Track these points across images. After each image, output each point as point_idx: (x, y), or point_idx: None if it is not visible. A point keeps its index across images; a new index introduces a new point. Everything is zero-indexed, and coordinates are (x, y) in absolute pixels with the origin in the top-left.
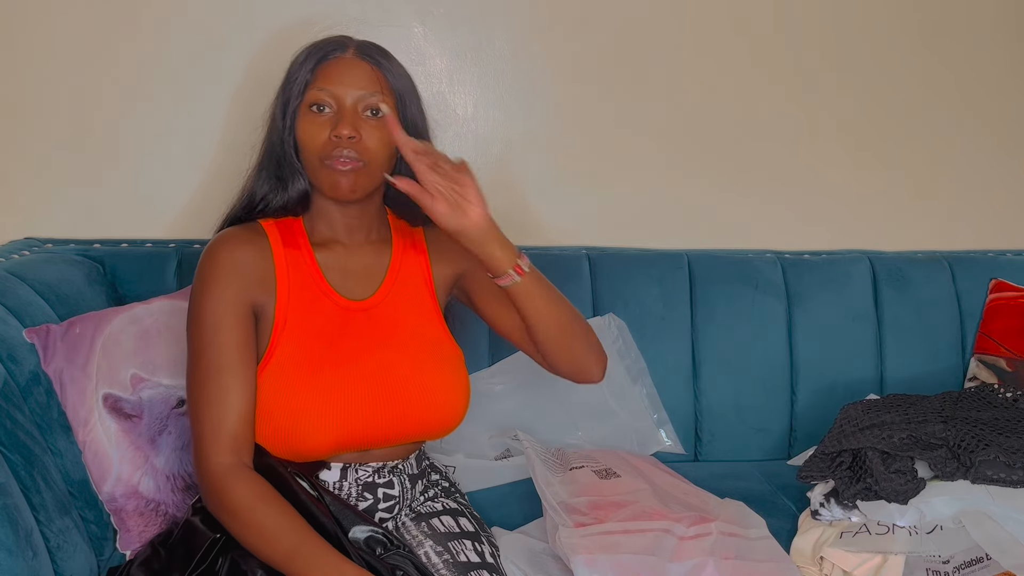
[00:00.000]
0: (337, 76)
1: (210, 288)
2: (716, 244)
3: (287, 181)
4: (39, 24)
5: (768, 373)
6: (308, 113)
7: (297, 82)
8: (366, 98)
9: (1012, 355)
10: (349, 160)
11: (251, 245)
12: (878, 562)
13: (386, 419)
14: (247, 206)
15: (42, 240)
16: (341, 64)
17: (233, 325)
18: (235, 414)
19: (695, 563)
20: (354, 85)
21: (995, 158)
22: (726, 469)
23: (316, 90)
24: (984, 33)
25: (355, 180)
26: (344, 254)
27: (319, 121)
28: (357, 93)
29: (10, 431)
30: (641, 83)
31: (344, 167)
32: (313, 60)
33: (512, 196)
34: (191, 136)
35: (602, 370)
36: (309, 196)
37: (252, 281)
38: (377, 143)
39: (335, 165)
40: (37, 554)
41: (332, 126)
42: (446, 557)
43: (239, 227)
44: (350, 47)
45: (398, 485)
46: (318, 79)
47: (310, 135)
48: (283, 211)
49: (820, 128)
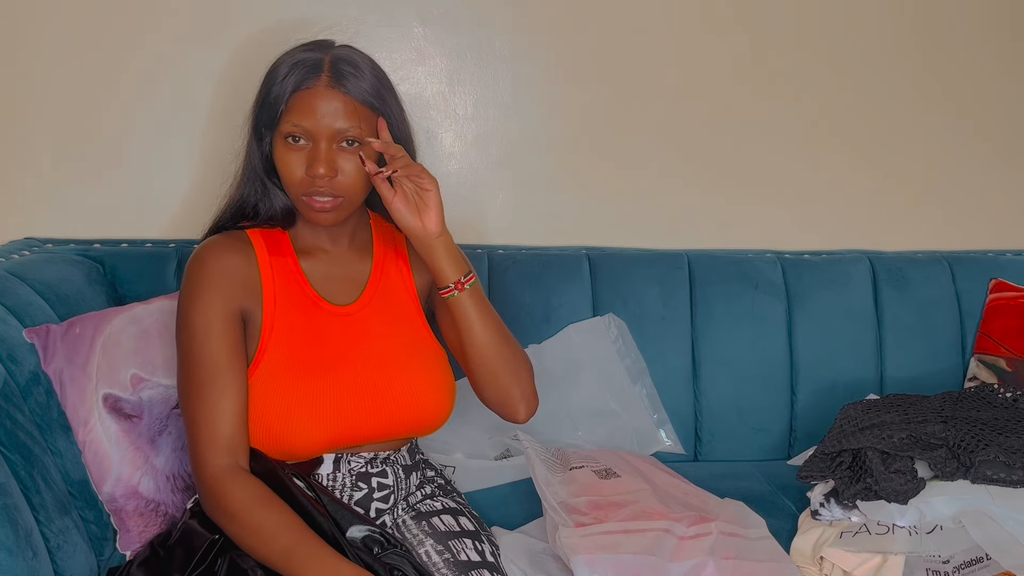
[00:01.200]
0: (309, 111)
1: (198, 294)
2: (716, 244)
3: (270, 195)
4: (39, 24)
5: (768, 373)
6: (284, 143)
7: (271, 106)
8: (343, 130)
9: (1012, 355)
10: (326, 201)
11: (237, 252)
12: (878, 562)
13: (373, 419)
14: (235, 214)
15: (42, 240)
16: (314, 95)
17: (223, 330)
18: (230, 417)
19: (695, 563)
20: (328, 117)
21: (995, 158)
22: (726, 469)
23: (290, 124)
24: (982, 33)
25: (335, 215)
26: (328, 261)
27: (295, 155)
28: (331, 125)
29: (10, 431)
30: (641, 83)
31: (323, 208)
32: (287, 89)
33: (512, 196)
34: (191, 136)
35: (527, 411)
36: (293, 211)
37: (239, 287)
38: (354, 173)
39: (312, 203)
40: (37, 554)
41: (308, 162)
42: (447, 556)
43: (225, 235)
44: (323, 71)
45: (392, 475)
46: (292, 111)
47: (287, 167)
48: (268, 221)
49: (820, 128)
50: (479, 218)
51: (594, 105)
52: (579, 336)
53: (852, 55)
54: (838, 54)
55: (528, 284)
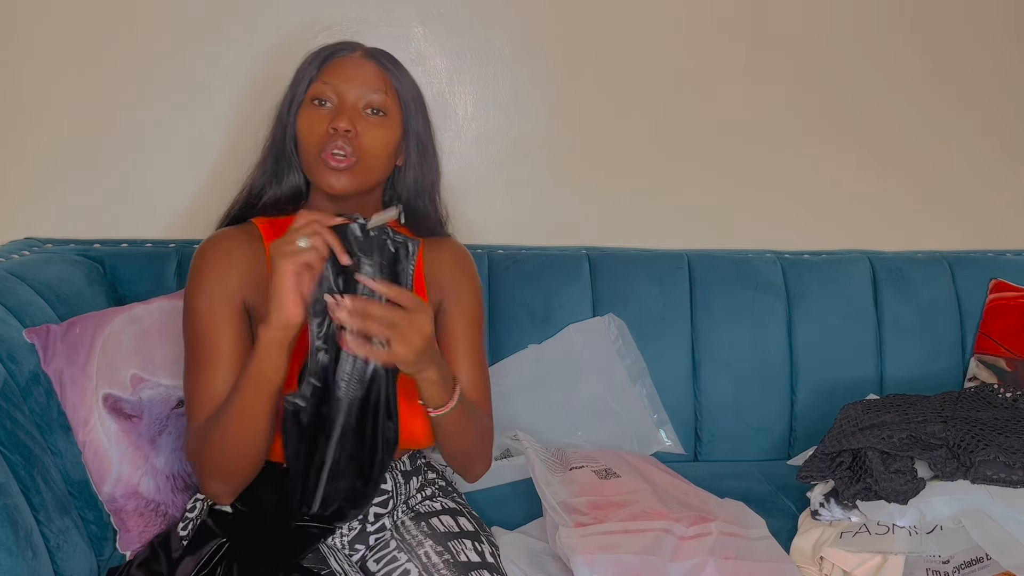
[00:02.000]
0: (342, 71)
1: (203, 283)
2: (716, 244)
3: (282, 175)
4: (39, 24)
5: (768, 373)
6: (309, 106)
7: (303, 79)
8: (368, 95)
9: (1012, 355)
10: (342, 158)
11: (244, 244)
12: (878, 562)
13: None
14: (245, 202)
15: (42, 240)
16: (348, 61)
17: (226, 318)
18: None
19: (695, 563)
20: (358, 81)
21: (995, 158)
22: (726, 469)
23: (320, 84)
24: (984, 33)
25: (348, 177)
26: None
27: (319, 114)
28: (360, 90)
29: (10, 431)
30: (641, 83)
31: (338, 164)
32: (320, 58)
33: (512, 196)
34: (191, 136)
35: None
36: (302, 192)
37: (244, 278)
38: (373, 141)
39: (328, 160)
40: (37, 554)
41: (331, 119)
42: (446, 557)
43: (233, 227)
44: (359, 49)
45: (391, 480)
46: (323, 74)
47: (308, 127)
48: (275, 206)
49: (820, 128)
50: (479, 218)
51: (593, 105)
52: (579, 336)
53: (853, 57)
54: (838, 55)
55: (528, 284)
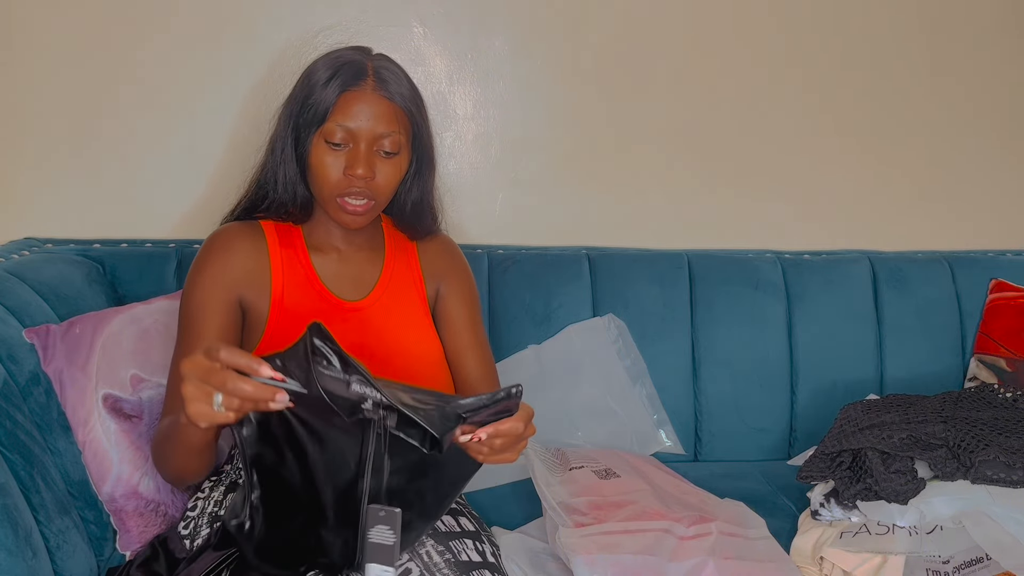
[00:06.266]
0: (357, 112)
1: (200, 275)
2: (716, 244)
3: (292, 186)
4: (39, 24)
5: (768, 373)
6: (323, 144)
7: (316, 107)
8: (382, 139)
9: (1012, 355)
10: (360, 204)
11: (247, 241)
12: (878, 562)
13: None
14: (251, 205)
15: (42, 240)
16: (361, 99)
17: (217, 310)
18: None
19: (695, 563)
20: (372, 122)
21: (995, 158)
22: (726, 469)
23: (335, 124)
24: (984, 32)
25: (365, 219)
26: (339, 259)
27: (334, 156)
28: (374, 132)
29: (10, 431)
30: (641, 83)
31: (356, 211)
32: (335, 89)
33: (512, 196)
34: (191, 136)
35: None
36: (310, 205)
37: (243, 275)
38: (388, 180)
39: (345, 206)
40: (37, 554)
41: (347, 163)
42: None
43: (239, 223)
44: (368, 74)
45: None
46: (337, 112)
47: (324, 168)
48: (285, 212)
49: (820, 128)
50: (479, 218)
51: (594, 105)
52: (579, 336)
53: (853, 57)
54: (839, 55)
55: (528, 284)
